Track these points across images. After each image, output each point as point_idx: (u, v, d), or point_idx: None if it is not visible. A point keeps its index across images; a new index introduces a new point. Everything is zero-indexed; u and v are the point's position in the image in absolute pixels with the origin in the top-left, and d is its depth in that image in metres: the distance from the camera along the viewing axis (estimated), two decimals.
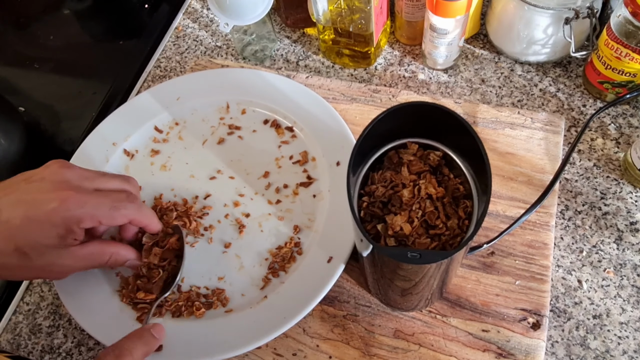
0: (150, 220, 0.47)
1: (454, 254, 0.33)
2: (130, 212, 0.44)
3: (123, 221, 0.44)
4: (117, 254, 0.46)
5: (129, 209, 0.44)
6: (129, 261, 0.47)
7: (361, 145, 0.36)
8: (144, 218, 0.46)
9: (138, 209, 0.45)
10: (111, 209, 0.43)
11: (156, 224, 0.48)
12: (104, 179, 0.45)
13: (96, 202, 0.43)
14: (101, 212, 0.43)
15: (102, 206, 0.43)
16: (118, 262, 0.47)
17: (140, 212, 0.46)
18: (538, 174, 0.52)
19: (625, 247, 0.49)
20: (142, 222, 0.46)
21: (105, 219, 0.43)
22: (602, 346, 0.46)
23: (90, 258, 0.45)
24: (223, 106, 0.59)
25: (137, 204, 0.46)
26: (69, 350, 0.51)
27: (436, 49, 0.59)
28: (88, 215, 0.42)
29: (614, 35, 0.50)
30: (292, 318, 0.45)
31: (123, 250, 0.47)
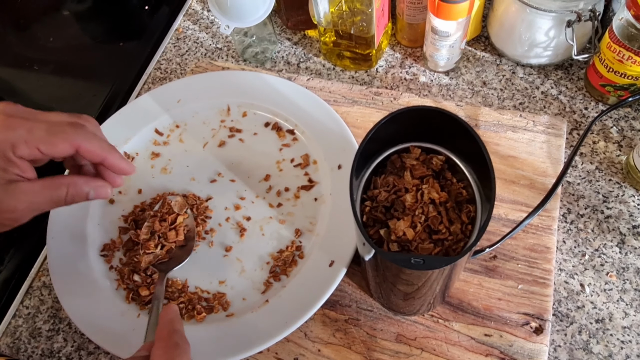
0: (107, 152, 0.41)
1: (458, 260, 0.32)
2: (74, 137, 0.39)
3: (66, 148, 0.39)
4: (74, 185, 0.40)
5: (72, 133, 0.39)
6: (93, 190, 0.42)
7: (364, 149, 0.36)
8: (97, 148, 0.40)
9: (85, 135, 0.40)
10: (48, 132, 0.38)
11: (119, 159, 0.42)
12: (45, 112, 0.40)
13: (30, 125, 0.38)
14: (36, 135, 0.37)
15: (37, 129, 0.38)
16: (79, 194, 0.41)
17: (90, 139, 0.40)
18: (540, 177, 0.51)
19: (628, 251, 0.49)
20: (95, 152, 0.40)
21: (43, 145, 0.38)
22: (604, 350, 0.45)
23: (43, 192, 0.39)
24: (224, 109, 0.59)
25: (86, 131, 0.40)
26: (69, 355, 0.51)
27: (437, 52, 0.59)
28: (22, 139, 0.37)
29: (616, 38, 0.50)
30: (294, 322, 0.45)
31: (80, 179, 0.41)
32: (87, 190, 0.41)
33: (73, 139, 0.39)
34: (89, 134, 0.40)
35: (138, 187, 0.55)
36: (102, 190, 0.42)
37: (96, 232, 0.53)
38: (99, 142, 0.41)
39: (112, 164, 0.42)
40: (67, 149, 0.39)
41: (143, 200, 0.54)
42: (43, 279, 0.55)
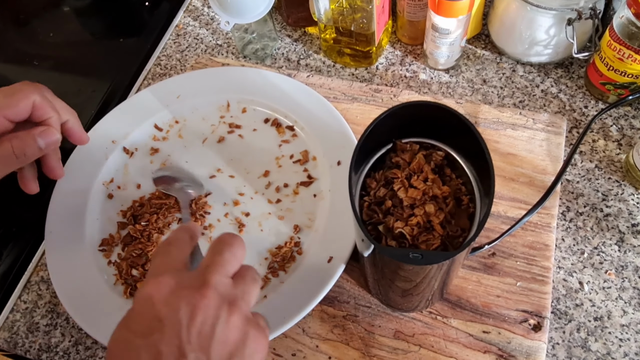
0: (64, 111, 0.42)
1: (456, 255, 0.32)
2: (30, 93, 0.39)
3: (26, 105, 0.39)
4: (15, 137, 0.40)
5: (27, 90, 0.39)
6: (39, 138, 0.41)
7: (363, 145, 0.36)
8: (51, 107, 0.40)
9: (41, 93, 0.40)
10: (6, 96, 0.39)
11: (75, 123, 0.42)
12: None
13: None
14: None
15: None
16: (27, 144, 0.40)
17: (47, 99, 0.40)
18: (539, 175, 0.51)
19: (627, 249, 0.49)
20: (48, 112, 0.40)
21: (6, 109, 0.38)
22: (603, 348, 0.45)
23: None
24: (223, 105, 0.59)
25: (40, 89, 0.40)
26: (67, 349, 0.50)
27: (438, 49, 0.59)
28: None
29: (616, 37, 0.50)
30: (292, 318, 0.45)
31: (21, 132, 0.40)
32: (33, 138, 0.40)
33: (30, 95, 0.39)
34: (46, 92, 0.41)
35: (137, 182, 0.55)
36: (48, 132, 0.41)
37: (95, 226, 0.53)
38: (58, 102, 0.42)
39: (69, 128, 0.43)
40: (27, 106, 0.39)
41: (142, 195, 0.54)
42: (41, 273, 0.55)
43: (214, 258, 0.32)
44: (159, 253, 0.34)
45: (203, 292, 0.30)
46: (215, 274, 0.31)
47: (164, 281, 0.31)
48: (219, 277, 0.31)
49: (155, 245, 0.50)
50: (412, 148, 0.39)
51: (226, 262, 0.32)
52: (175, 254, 0.34)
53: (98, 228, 0.53)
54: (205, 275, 0.31)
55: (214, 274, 0.31)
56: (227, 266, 0.32)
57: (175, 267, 0.33)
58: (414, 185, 0.37)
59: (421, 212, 0.36)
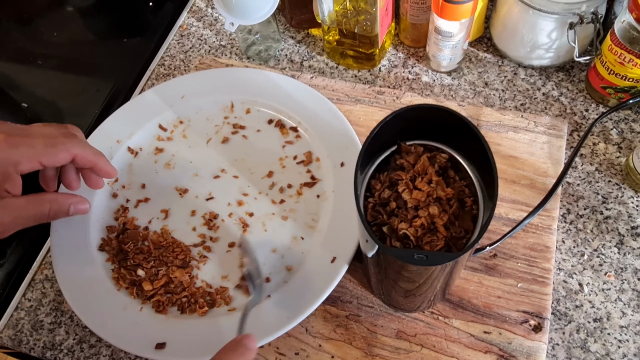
0: (97, 157, 0.44)
1: (460, 256, 0.33)
2: (71, 146, 0.42)
3: (65, 157, 0.42)
4: (55, 201, 0.44)
5: (68, 143, 0.42)
6: (73, 206, 0.45)
7: (368, 147, 0.36)
8: (90, 154, 0.44)
9: (79, 144, 0.43)
10: (48, 145, 0.41)
11: (106, 163, 0.46)
12: (37, 126, 0.44)
13: (30, 142, 0.41)
14: (38, 150, 0.41)
15: (37, 144, 0.41)
16: (61, 209, 0.44)
17: (84, 147, 0.43)
18: (541, 178, 0.52)
19: (626, 251, 0.50)
20: (89, 159, 0.44)
21: (44, 157, 0.41)
22: (602, 349, 0.46)
23: (27, 208, 0.42)
24: (227, 105, 0.59)
25: (78, 140, 0.43)
26: (71, 347, 0.51)
27: (440, 52, 0.59)
28: (24, 155, 0.40)
29: (617, 41, 0.51)
30: (295, 318, 0.45)
31: (61, 196, 0.45)
32: (68, 206, 0.45)
33: (71, 149, 0.43)
34: (82, 142, 0.44)
35: (141, 182, 0.56)
36: (82, 206, 0.47)
37: (99, 225, 0.53)
38: (91, 149, 0.45)
39: (101, 168, 0.46)
40: (67, 157, 0.43)
41: (146, 195, 0.55)
42: (45, 272, 0.55)
43: None
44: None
45: None
46: None
47: None
48: None
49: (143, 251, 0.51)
50: (416, 150, 0.39)
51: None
52: None
53: (103, 227, 0.53)
54: None
55: None
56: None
57: None
58: (418, 187, 0.38)
59: (425, 214, 0.37)
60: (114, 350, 0.50)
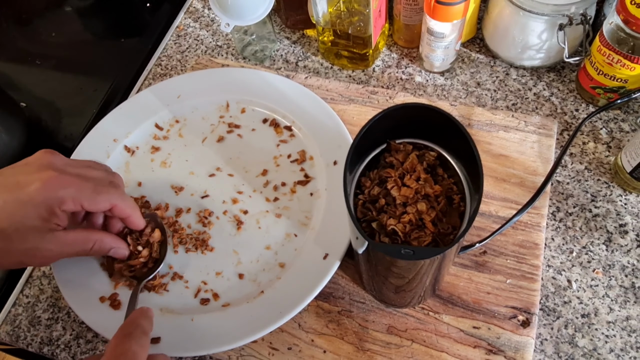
0: (133, 210, 0.47)
1: (447, 250, 0.34)
2: (113, 197, 0.45)
3: (105, 206, 0.45)
4: (100, 241, 0.46)
5: (112, 194, 0.45)
6: (113, 249, 0.47)
7: (358, 145, 0.37)
8: (127, 207, 0.46)
9: (121, 196, 0.46)
10: (94, 192, 0.43)
11: (139, 217, 0.48)
12: (88, 167, 0.46)
13: (79, 184, 0.43)
14: (84, 194, 0.43)
15: (85, 189, 0.43)
16: (102, 249, 0.47)
17: (124, 199, 0.46)
18: (530, 176, 0.53)
19: (614, 249, 0.51)
20: (125, 211, 0.46)
21: (87, 202, 0.43)
22: (589, 344, 0.47)
23: (74, 244, 0.44)
24: (223, 105, 0.60)
25: (121, 191, 0.46)
26: (68, 342, 0.52)
27: (433, 52, 0.60)
28: (70, 196, 0.42)
29: (606, 42, 0.52)
30: (288, 313, 0.46)
31: (107, 237, 0.47)
32: (109, 249, 0.47)
33: (112, 199, 0.45)
34: (123, 194, 0.46)
35: (138, 180, 0.57)
36: (121, 252, 0.48)
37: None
38: (129, 201, 0.47)
39: (133, 221, 0.48)
40: (107, 207, 0.45)
41: (142, 193, 0.55)
42: (43, 268, 0.56)
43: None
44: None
45: None
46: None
47: None
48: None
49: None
50: (405, 148, 0.40)
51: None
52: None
53: None
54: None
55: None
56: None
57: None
58: (407, 184, 0.38)
59: (413, 210, 0.37)
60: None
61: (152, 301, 0.49)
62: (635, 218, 0.52)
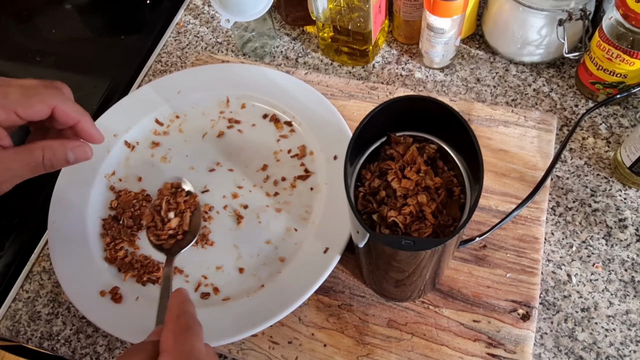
0: (81, 115, 0.40)
1: (447, 241, 0.34)
2: (49, 97, 0.39)
3: (43, 109, 0.38)
4: (49, 147, 0.39)
5: (47, 94, 0.39)
6: (71, 152, 0.40)
7: (358, 138, 0.37)
8: (72, 110, 0.40)
9: (60, 96, 0.39)
10: (24, 95, 0.38)
11: (92, 125, 0.41)
12: (21, 79, 0.40)
13: (5, 90, 0.38)
14: (13, 99, 0.37)
15: (13, 94, 0.38)
16: (57, 156, 0.40)
17: (65, 101, 0.40)
18: (530, 171, 0.53)
19: (614, 243, 0.51)
20: (71, 115, 0.40)
21: (20, 107, 0.37)
22: (589, 338, 0.47)
23: (18, 160, 0.39)
24: (223, 100, 0.60)
25: (59, 92, 0.40)
26: (68, 337, 0.52)
27: (433, 48, 0.60)
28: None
29: (605, 37, 0.52)
30: (288, 307, 0.46)
31: (55, 141, 0.40)
32: (65, 152, 0.40)
33: (49, 100, 0.38)
34: (64, 96, 0.40)
35: (138, 175, 0.57)
36: (81, 150, 0.41)
37: (96, 218, 0.54)
38: (74, 105, 0.40)
39: (84, 128, 0.41)
40: (44, 109, 0.38)
41: (143, 187, 0.56)
42: (43, 264, 0.56)
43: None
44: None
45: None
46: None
47: None
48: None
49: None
50: (405, 141, 0.40)
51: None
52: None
53: (99, 219, 0.54)
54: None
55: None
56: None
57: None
58: (407, 177, 0.38)
59: (414, 202, 0.37)
60: (110, 339, 0.51)
61: (152, 294, 0.49)
62: (634, 213, 0.52)
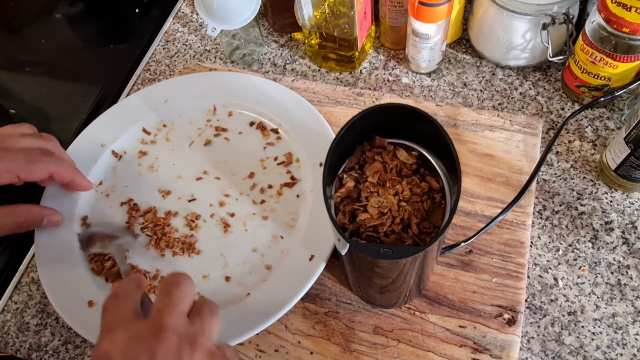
0: (73, 174, 0.47)
1: (426, 249, 0.34)
2: (49, 164, 0.45)
3: (42, 174, 0.45)
4: (29, 212, 0.47)
5: (46, 161, 0.45)
6: (46, 218, 0.47)
7: (337, 146, 0.37)
8: (66, 172, 0.46)
9: (57, 162, 0.46)
10: (28, 162, 0.44)
11: (82, 178, 0.48)
12: (14, 138, 0.46)
13: (11, 156, 0.43)
14: (18, 165, 0.43)
15: (18, 159, 0.44)
16: (35, 220, 0.47)
17: (61, 165, 0.46)
18: (516, 175, 0.53)
19: (600, 246, 0.51)
20: (64, 175, 0.46)
21: (23, 172, 0.44)
22: (576, 342, 0.47)
23: (2, 218, 0.45)
24: (210, 108, 0.60)
25: (56, 158, 0.46)
26: (56, 348, 0.52)
27: (419, 54, 0.60)
28: (4, 168, 0.43)
29: (588, 41, 0.52)
30: (274, 315, 0.46)
31: (36, 208, 0.47)
32: (41, 218, 0.48)
33: (49, 167, 0.45)
34: (59, 160, 0.46)
35: (125, 184, 0.57)
36: (54, 219, 0.49)
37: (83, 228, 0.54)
38: (67, 165, 0.47)
39: (78, 184, 0.49)
40: (43, 175, 0.45)
41: (130, 197, 0.56)
42: (32, 275, 0.56)
43: (164, 300, 0.32)
44: (108, 307, 0.34)
45: (160, 337, 0.30)
46: (169, 316, 0.31)
47: (119, 335, 0.31)
48: (173, 318, 0.31)
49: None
50: (387, 148, 0.40)
51: (177, 301, 0.32)
52: (125, 305, 0.33)
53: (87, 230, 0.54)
54: (159, 319, 0.31)
55: (167, 316, 0.31)
56: (179, 305, 0.32)
57: (128, 318, 0.32)
58: (388, 184, 0.38)
59: (395, 209, 0.37)
60: None
61: None
62: (620, 215, 0.52)
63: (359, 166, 0.40)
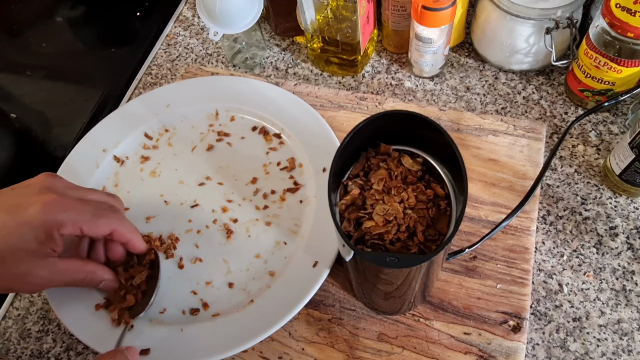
0: (133, 234, 0.47)
1: (432, 257, 0.34)
2: (113, 221, 0.44)
3: (105, 231, 0.44)
4: (93, 273, 0.46)
5: (112, 218, 0.44)
6: (104, 282, 0.47)
7: (343, 152, 0.37)
8: (127, 231, 0.46)
9: (121, 220, 0.45)
10: (94, 216, 0.43)
11: (139, 240, 0.48)
12: (88, 190, 0.46)
13: (79, 208, 0.43)
14: (83, 217, 0.42)
15: (85, 212, 0.43)
16: (93, 281, 0.46)
17: (123, 224, 0.46)
18: (520, 180, 0.53)
19: (605, 252, 0.50)
20: (125, 235, 0.46)
21: (87, 226, 0.43)
22: (581, 348, 0.47)
23: (66, 272, 0.44)
24: (212, 113, 0.60)
25: (121, 216, 0.46)
26: (58, 355, 0.51)
27: (422, 58, 0.60)
28: (70, 220, 0.42)
29: (592, 45, 0.52)
30: (278, 322, 0.46)
31: (100, 270, 0.46)
32: (100, 281, 0.47)
33: (112, 224, 0.44)
34: (123, 218, 0.46)
35: (127, 189, 0.56)
36: (112, 284, 0.48)
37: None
38: (129, 226, 0.46)
39: (134, 245, 0.47)
40: (105, 231, 0.44)
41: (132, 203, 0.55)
42: None
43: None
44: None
45: None
46: None
47: None
48: None
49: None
50: (392, 155, 0.40)
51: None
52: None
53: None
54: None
55: None
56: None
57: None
58: (394, 191, 0.38)
59: (401, 217, 0.37)
60: None
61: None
62: (625, 220, 0.52)
63: (363, 173, 0.40)
